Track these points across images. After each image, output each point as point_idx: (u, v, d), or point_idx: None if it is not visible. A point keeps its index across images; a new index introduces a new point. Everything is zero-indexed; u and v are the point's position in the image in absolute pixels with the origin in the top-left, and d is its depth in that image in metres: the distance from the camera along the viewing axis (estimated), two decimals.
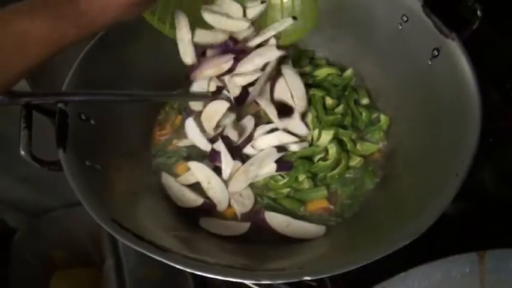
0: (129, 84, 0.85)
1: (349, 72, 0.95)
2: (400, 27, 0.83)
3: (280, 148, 0.81)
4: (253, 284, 0.74)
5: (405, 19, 0.81)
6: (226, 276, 0.55)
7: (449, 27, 0.73)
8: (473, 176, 0.60)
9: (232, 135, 0.83)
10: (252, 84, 0.82)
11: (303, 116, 0.84)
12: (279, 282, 0.56)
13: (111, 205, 0.66)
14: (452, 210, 0.77)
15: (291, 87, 0.84)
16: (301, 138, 0.83)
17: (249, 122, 0.85)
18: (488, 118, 0.64)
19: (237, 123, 0.85)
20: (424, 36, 0.77)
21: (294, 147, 0.81)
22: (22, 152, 0.63)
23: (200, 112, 0.86)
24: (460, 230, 0.78)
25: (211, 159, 0.84)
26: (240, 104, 0.83)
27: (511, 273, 0.55)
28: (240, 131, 0.84)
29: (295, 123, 0.83)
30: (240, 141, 0.83)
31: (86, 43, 0.80)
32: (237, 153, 0.82)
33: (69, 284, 1.19)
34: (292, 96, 0.84)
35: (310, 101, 0.86)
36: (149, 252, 0.57)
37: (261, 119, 0.87)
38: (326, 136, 0.82)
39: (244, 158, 0.82)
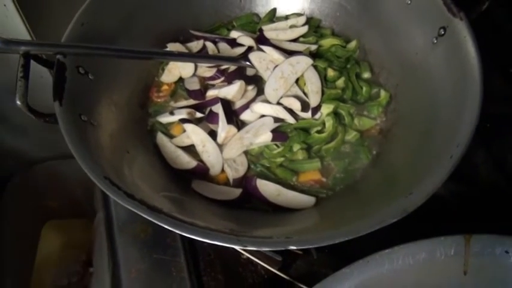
0: (131, 39, 0.84)
1: (353, 43, 0.94)
2: (409, 2, 0.81)
3: (277, 118, 0.81)
4: (241, 249, 0.76)
5: None
6: (214, 240, 0.56)
7: (458, 6, 0.72)
8: (467, 159, 0.60)
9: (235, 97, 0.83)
10: None
11: (315, 109, 0.83)
12: (264, 249, 0.57)
13: (104, 162, 0.66)
14: (443, 190, 0.78)
15: (308, 81, 0.84)
16: (299, 118, 0.83)
17: (252, 90, 0.86)
18: (487, 103, 0.64)
19: (244, 87, 0.85)
20: (432, 13, 0.76)
21: (291, 120, 0.82)
22: (18, 102, 0.62)
23: None
24: (449, 211, 0.79)
25: (209, 120, 0.84)
26: None
27: (495, 259, 0.55)
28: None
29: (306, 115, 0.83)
30: (238, 106, 0.83)
31: None
32: (233, 118, 0.82)
33: (60, 233, 1.20)
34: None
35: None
36: (139, 211, 0.57)
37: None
38: (326, 110, 0.82)
39: (240, 126, 0.82)
